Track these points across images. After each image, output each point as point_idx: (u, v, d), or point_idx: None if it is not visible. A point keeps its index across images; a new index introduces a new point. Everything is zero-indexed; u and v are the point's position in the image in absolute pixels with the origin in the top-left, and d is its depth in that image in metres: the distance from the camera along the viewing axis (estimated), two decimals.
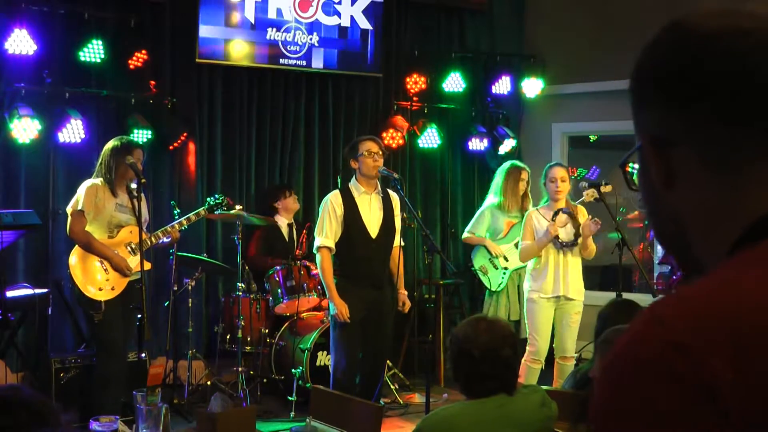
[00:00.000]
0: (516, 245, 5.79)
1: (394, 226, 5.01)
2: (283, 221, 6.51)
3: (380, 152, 4.93)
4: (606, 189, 5.42)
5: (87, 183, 4.87)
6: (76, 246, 4.84)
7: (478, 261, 6.43)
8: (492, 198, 6.28)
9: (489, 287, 6.38)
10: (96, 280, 4.79)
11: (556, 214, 5.24)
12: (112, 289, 4.82)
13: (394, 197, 5.07)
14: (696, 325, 0.72)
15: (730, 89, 0.82)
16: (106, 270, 4.82)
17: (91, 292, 4.77)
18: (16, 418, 1.50)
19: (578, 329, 5.37)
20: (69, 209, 4.87)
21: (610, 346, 2.21)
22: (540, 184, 5.49)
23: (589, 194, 5.48)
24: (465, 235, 6.46)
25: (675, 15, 0.87)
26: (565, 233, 5.29)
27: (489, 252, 6.32)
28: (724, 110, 0.82)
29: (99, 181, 4.86)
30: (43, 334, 5.58)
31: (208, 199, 5.51)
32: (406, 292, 5.11)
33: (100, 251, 4.81)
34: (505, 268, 6.24)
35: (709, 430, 0.69)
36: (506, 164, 6.29)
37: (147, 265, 4.63)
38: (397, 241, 5.02)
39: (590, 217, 5.36)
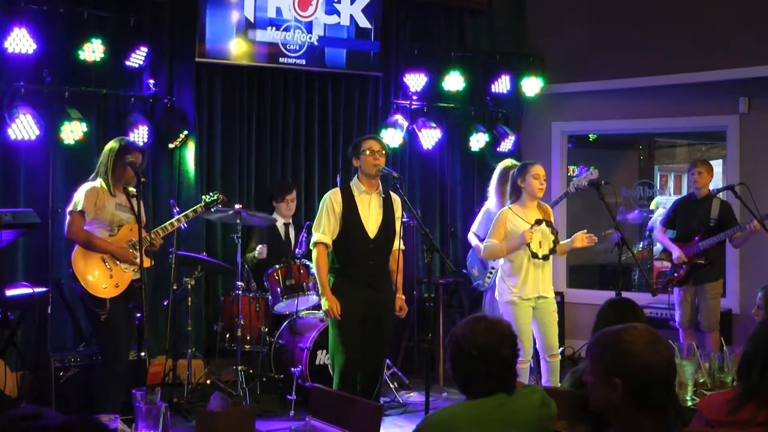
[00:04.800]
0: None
1: (393, 227, 4.97)
2: (279, 220, 6.51)
3: (382, 151, 4.91)
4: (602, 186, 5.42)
5: (86, 186, 4.86)
6: (77, 246, 4.83)
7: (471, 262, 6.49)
8: (489, 199, 6.30)
9: (479, 288, 6.40)
10: (100, 278, 4.78)
11: (538, 222, 5.22)
12: (116, 286, 4.82)
13: (396, 199, 5.04)
14: None
15: None
16: (109, 268, 4.82)
17: (97, 290, 4.76)
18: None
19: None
20: (68, 209, 4.86)
21: (600, 348, 2.19)
22: (515, 182, 5.34)
23: (582, 185, 5.48)
24: (469, 235, 6.51)
25: (673, 15, 0.87)
26: (541, 245, 5.25)
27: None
28: None
29: (98, 182, 4.85)
30: (43, 333, 5.58)
31: (204, 196, 5.52)
32: (404, 297, 5.07)
33: (101, 247, 4.81)
34: (493, 268, 6.23)
35: None
36: (499, 165, 6.23)
37: (147, 262, 4.63)
38: (397, 244, 4.99)
39: (585, 231, 5.34)
